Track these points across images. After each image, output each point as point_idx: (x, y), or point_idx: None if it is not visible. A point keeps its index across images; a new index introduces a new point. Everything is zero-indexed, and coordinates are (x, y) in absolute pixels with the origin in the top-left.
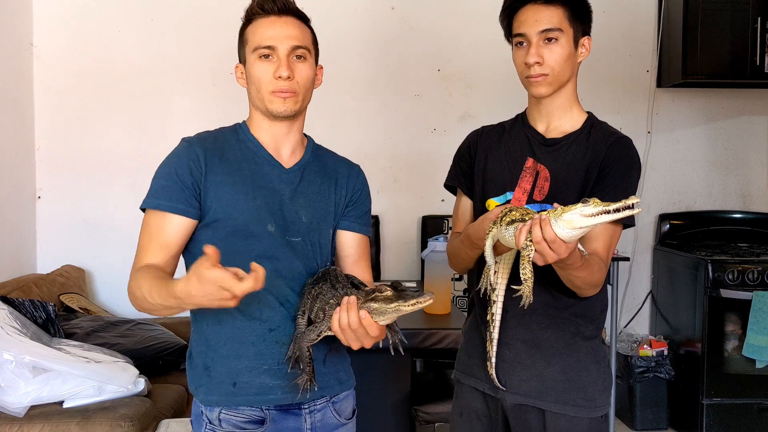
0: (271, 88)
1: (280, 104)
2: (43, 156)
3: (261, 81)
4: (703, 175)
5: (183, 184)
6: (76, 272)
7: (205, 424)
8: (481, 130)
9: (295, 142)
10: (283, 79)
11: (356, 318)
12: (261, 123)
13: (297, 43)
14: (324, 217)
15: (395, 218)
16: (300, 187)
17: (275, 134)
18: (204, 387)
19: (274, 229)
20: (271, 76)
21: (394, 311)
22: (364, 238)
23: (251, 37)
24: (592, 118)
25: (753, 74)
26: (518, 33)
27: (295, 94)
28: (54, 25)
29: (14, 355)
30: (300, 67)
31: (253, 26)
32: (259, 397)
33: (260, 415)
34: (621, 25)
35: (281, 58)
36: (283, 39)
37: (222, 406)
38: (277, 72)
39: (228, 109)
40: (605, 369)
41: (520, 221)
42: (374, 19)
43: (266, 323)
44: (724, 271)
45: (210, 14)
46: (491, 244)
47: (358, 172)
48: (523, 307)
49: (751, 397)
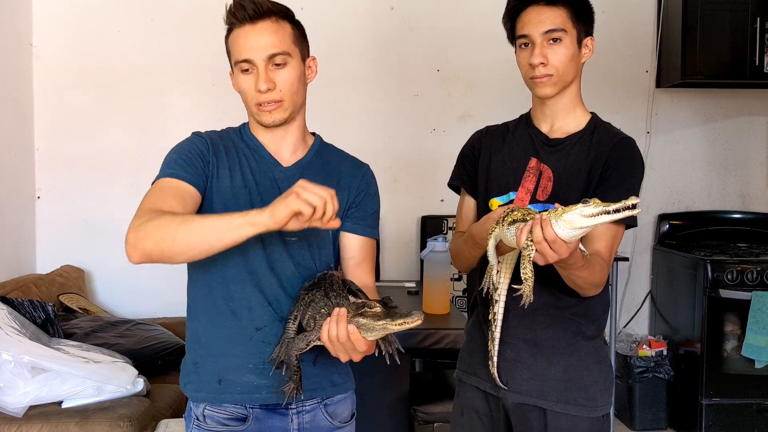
0: (255, 101)
1: (267, 117)
2: (43, 156)
3: (245, 94)
4: (703, 176)
5: (195, 161)
6: (75, 272)
7: (193, 419)
8: (485, 130)
9: (296, 142)
10: (263, 92)
11: (345, 331)
12: (257, 127)
13: (273, 51)
14: None
15: (394, 218)
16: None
17: (273, 137)
18: (192, 383)
19: None
20: (253, 90)
21: (382, 329)
22: (367, 241)
23: (231, 49)
24: (596, 118)
25: (752, 74)
26: (522, 34)
27: (280, 102)
28: (54, 25)
29: (13, 355)
30: (281, 74)
31: (232, 37)
32: (244, 395)
33: (243, 412)
34: (620, 25)
35: (260, 70)
36: (258, 49)
37: (207, 403)
38: (257, 86)
39: (228, 109)
40: (607, 369)
41: (521, 221)
42: (374, 19)
43: (253, 322)
44: (723, 271)
45: (210, 14)
46: (494, 244)
47: (364, 171)
48: (523, 306)
49: (750, 397)
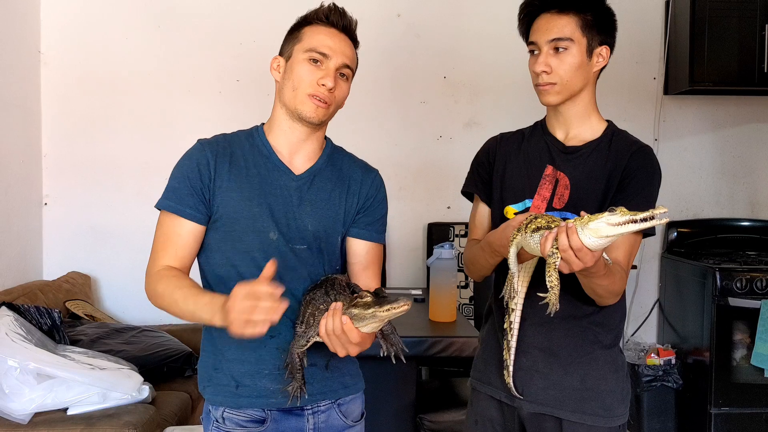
0: (310, 91)
1: (311, 110)
2: (50, 162)
3: (302, 81)
4: (711, 183)
5: (192, 188)
6: (81, 279)
7: (212, 421)
8: (500, 136)
9: (312, 150)
10: (325, 88)
11: (339, 323)
12: (281, 124)
13: (348, 62)
14: (332, 225)
15: (401, 225)
16: (308, 195)
17: (292, 138)
18: (210, 387)
19: (277, 236)
20: (314, 80)
21: (371, 317)
22: (374, 246)
23: (308, 38)
24: (612, 126)
25: (760, 81)
26: (531, 41)
27: (328, 105)
28: (61, 32)
29: (19, 362)
30: (341, 85)
31: (313, 29)
32: (260, 399)
33: (261, 415)
34: (628, 32)
35: (330, 69)
36: (338, 53)
37: (226, 406)
38: (323, 80)
39: (235, 116)
40: (623, 378)
41: (545, 229)
42: (381, 26)
43: (268, 330)
44: (732, 279)
45: (216, 22)
46: (515, 252)
47: (374, 177)
48: (549, 314)
49: (759, 407)
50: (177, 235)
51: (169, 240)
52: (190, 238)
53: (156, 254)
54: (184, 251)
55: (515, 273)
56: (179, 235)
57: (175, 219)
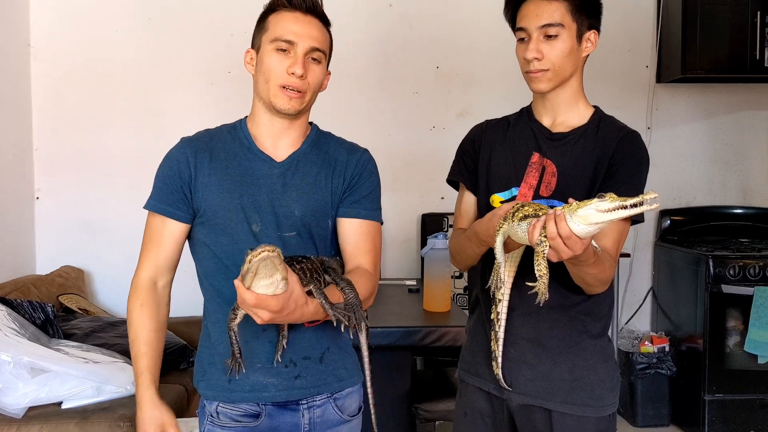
0: (281, 82)
1: (285, 102)
2: (42, 156)
3: (272, 72)
4: (704, 171)
5: (173, 186)
6: (75, 273)
7: (207, 416)
8: (485, 124)
9: (295, 138)
10: (296, 76)
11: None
12: (261, 116)
13: (317, 45)
14: (320, 209)
15: (394, 216)
16: (292, 181)
17: (273, 128)
18: (204, 382)
19: (260, 228)
20: (284, 70)
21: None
22: (363, 223)
23: (272, 27)
24: (600, 112)
25: (753, 69)
26: (520, 27)
27: (303, 94)
28: (51, 25)
29: (12, 356)
30: (314, 69)
31: (277, 16)
32: (253, 393)
33: (256, 409)
34: (620, 20)
35: (298, 56)
36: (304, 37)
37: (219, 401)
38: (292, 68)
39: (226, 108)
40: (613, 367)
41: (533, 217)
42: (372, 16)
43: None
44: (725, 266)
45: (207, 14)
46: (502, 241)
47: (360, 155)
48: (538, 304)
49: (753, 393)
50: (160, 234)
51: (152, 241)
52: (173, 236)
53: (141, 255)
54: (166, 251)
55: (502, 263)
56: (162, 234)
57: (159, 218)
